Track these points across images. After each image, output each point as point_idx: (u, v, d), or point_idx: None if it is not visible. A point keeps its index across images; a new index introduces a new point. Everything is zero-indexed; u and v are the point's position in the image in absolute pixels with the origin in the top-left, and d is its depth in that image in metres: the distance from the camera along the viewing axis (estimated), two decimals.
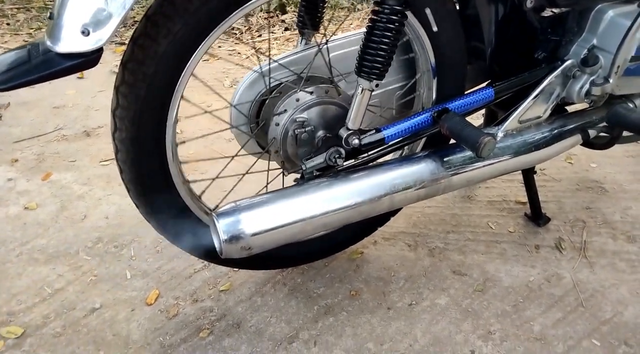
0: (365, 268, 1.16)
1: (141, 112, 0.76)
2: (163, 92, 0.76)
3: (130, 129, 0.77)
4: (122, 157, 0.78)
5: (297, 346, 0.98)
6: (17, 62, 0.62)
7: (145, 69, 0.73)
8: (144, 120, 0.77)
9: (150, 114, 0.77)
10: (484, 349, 0.96)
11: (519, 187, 1.42)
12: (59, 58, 0.61)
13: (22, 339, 0.99)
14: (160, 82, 0.75)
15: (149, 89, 0.75)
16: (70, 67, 0.60)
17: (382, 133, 0.86)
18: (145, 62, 0.73)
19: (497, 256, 1.18)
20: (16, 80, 0.60)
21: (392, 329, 1.01)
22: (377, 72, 0.75)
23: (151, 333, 1.01)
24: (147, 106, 0.77)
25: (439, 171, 0.87)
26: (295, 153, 0.90)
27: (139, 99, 0.76)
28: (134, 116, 0.76)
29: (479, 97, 0.91)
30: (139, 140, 0.78)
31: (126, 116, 0.76)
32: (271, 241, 0.74)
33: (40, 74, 0.60)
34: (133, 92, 0.74)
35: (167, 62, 0.74)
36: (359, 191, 0.80)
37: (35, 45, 0.64)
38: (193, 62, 0.76)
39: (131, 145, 0.77)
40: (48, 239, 1.26)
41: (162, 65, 0.74)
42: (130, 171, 0.80)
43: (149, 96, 0.76)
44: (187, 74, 0.77)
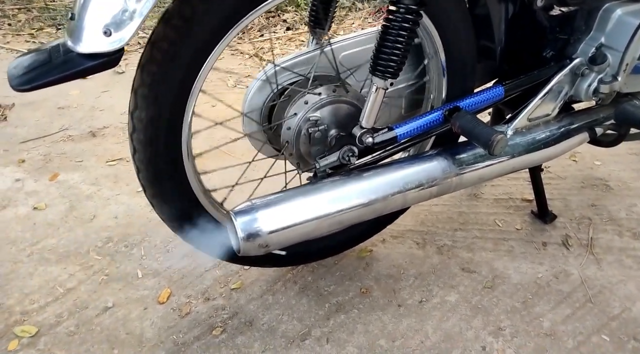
0: (374, 266, 1.17)
1: (159, 113, 0.77)
2: (179, 97, 0.77)
3: (148, 129, 0.78)
4: (140, 157, 0.79)
5: (310, 343, 0.99)
6: (38, 62, 0.62)
7: (163, 71, 0.74)
8: (162, 120, 0.78)
9: (169, 114, 0.78)
10: (495, 345, 0.97)
11: (524, 186, 1.43)
12: (80, 58, 0.62)
13: (37, 338, 0.99)
14: (177, 86, 0.76)
15: (167, 91, 0.76)
16: (92, 67, 0.61)
17: (395, 131, 0.86)
18: (163, 64, 0.73)
19: (505, 253, 1.19)
20: (38, 81, 0.60)
21: (403, 326, 1.02)
22: (392, 71, 0.76)
23: (164, 331, 1.02)
24: (165, 106, 0.77)
25: (451, 168, 0.88)
26: (308, 152, 0.91)
27: (157, 100, 0.76)
28: (152, 117, 0.77)
29: (489, 95, 0.93)
30: (156, 140, 0.79)
31: (144, 117, 0.77)
32: (288, 238, 0.75)
33: (62, 74, 0.61)
34: (151, 94, 0.75)
35: (184, 64, 0.75)
36: (373, 188, 0.81)
37: (56, 47, 0.65)
38: (211, 60, 0.76)
39: (148, 145, 0.78)
40: (58, 239, 1.26)
41: (180, 68, 0.74)
42: (147, 170, 0.81)
43: (167, 98, 0.76)
44: (204, 73, 0.77)
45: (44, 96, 2.05)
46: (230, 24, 0.75)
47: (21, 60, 0.64)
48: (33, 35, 2.73)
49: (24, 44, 2.60)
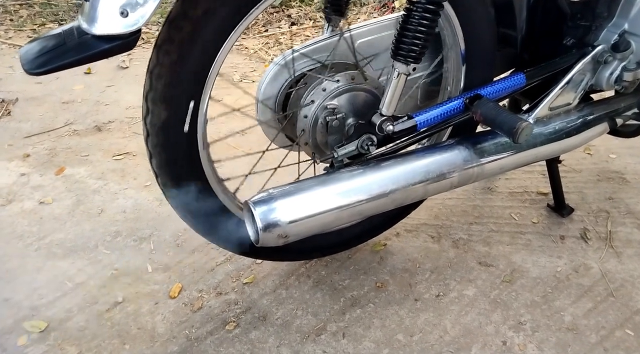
0: (389, 260, 1.15)
1: (174, 96, 0.75)
2: (198, 75, 0.75)
3: (163, 113, 0.76)
4: (153, 141, 0.77)
5: (326, 338, 0.97)
6: (51, 46, 0.60)
7: (181, 51, 0.71)
8: (177, 104, 0.76)
9: (184, 97, 0.76)
10: (516, 340, 0.95)
11: (539, 179, 1.41)
12: (95, 41, 0.60)
13: (47, 333, 0.97)
14: (196, 64, 0.73)
15: (184, 72, 0.73)
16: (107, 50, 0.59)
17: (415, 120, 0.84)
18: (182, 44, 0.71)
19: (523, 246, 1.17)
20: (52, 64, 0.58)
21: (421, 320, 1.00)
22: (415, 55, 0.74)
23: (177, 326, 1.00)
24: (182, 89, 0.75)
25: (472, 158, 0.86)
26: (324, 142, 0.89)
27: (173, 82, 0.74)
28: (166, 100, 0.75)
29: (510, 83, 0.90)
30: (171, 125, 0.77)
31: (159, 99, 0.74)
32: (307, 228, 0.73)
33: (76, 57, 0.59)
34: (167, 75, 0.72)
35: (203, 43, 0.72)
36: (394, 178, 0.79)
37: (69, 30, 0.63)
38: (230, 41, 0.74)
39: (162, 130, 0.76)
40: (65, 234, 1.24)
41: (198, 46, 0.72)
42: (160, 157, 0.78)
43: (184, 79, 0.74)
44: (222, 55, 0.75)
45: (47, 91, 2.03)
46: (250, 6, 0.73)
47: (34, 44, 0.62)
48: (35, 31, 2.70)
49: (25, 40, 2.57)
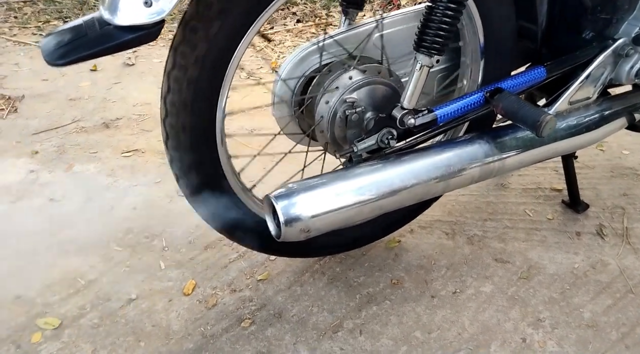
0: (404, 257, 1.14)
1: (193, 97, 0.74)
2: (215, 74, 0.74)
3: (181, 114, 0.75)
4: (173, 143, 0.76)
5: (343, 335, 0.96)
6: (73, 37, 0.59)
7: (197, 51, 0.71)
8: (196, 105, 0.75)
9: (203, 98, 0.75)
10: (535, 337, 0.94)
11: (552, 175, 1.40)
12: (118, 31, 0.58)
13: (60, 330, 0.96)
14: (213, 64, 0.72)
15: (201, 73, 0.72)
16: (130, 41, 0.58)
17: (435, 113, 0.83)
18: (198, 45, 0.70)
19: (539, 243, 1.16)
20: (74, 55, 0.57)
21: (439, 317, 0.99)
22: (438, 47, 0.73)
23: (191, 323, 0.99)
24: (200, 91, 0.74)
25: (492, 152, 0.85)
26: (342, 136, 0.88)
27: (191, 83, 0.73)
28: (185, 101, 0.74)
29: (530, 76, 0.89)
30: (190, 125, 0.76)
31: (177, 100, 0.73)
32: (330, 223, 0.72)
33: (99, 48, 0.57)
34: (185, 77, 0.71)
35: (219, 44, 0.71)
36: (415, 172, 0.78)
37: (90, 21, 0.61)
38: (247, 39, 0.73)
39: (182, 131, 0.75)
40: (77, 231, 1.23)
41: (215, 46, 0.71)
42: (182, 158, 0.77)
43: (201, 80, 0.73)
44: (239, 53, 0.74)
45: (53, 88, 2.02)
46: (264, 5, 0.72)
47: (55, 36, 0.60)
48: (40, 28, 2.69)
49: (30, 37, 2.56)
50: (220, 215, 0.88)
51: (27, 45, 2.43)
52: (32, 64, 2.22)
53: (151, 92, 2.01)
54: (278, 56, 2.36)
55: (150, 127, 1.73)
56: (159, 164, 1.51)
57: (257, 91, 1.97)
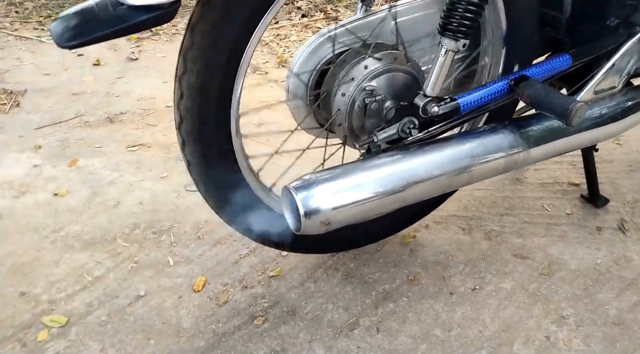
0: (420, 252, 1.11)
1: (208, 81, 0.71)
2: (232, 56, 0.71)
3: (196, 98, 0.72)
4: (187, 127, 0.72)
5: (359, 333, 0.93)
6: (84, 19, 0.56)
7: (215, 32, 0.67)
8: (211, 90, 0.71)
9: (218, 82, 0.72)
10: (560, 335, 0.91)
11: (569, 169, 1.36)
12: (132, 11, 0.55)
13: (67, 328, 0.93)
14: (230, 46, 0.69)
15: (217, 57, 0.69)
16: (146, 21, 0.54)
17: (458, 102, 0.80)
18: (216, 25, 0.67)
19: (559, 238, 1.13)
20: (87, 36, 0.54)
21: (458, 315, 0.96)
22: (465, 31, 0.69)
23: (202, 320, 0.96)
24: (215, 75, 0.71)
25: (518, 142, 0.81)
26: (360, 126, 0.85)
27: (207, 66, 0.70)
28: (200, 86, 0.71)
29: (555, 64, 0.86)
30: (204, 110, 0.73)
31: (193, 85, 0.70)
32: (351, 215, 0.68)
33: (113, 29, 0.54)
34: (202, 58, 0.68)
35: (237, 24, 0.68)
36: (439, 163, 0.74)
37: (102, 1, 0.58)
38: (263, 24, 0.70)
39: (197, 114, 0.72)
40: (82, 226, 1.19)
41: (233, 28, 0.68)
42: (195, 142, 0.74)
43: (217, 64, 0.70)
44: (255, 38, 0.71)
45: (55, 83, 1.98)
46: None
47: (65, 18, 0.57)
48: (41, 23, 2.65)
49: (32, 32, 2.52)
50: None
51: (28, 39, 2.39)
52: (34, 58, 2.19)
53: (155, 86, 1.97)
54: (284, 51, 2.33)
55: (155, 122, 1.70)
56: (165, 159, 1.48)
57: (263, 83, 1.94)
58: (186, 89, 0.72)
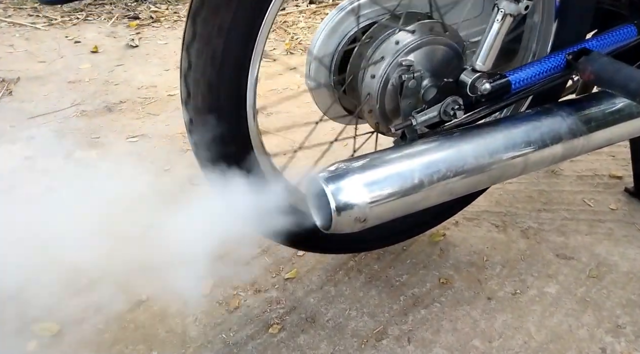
0: (451, 252, 1.00)
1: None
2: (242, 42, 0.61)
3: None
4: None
5: (388, 343, 0.82)
6: None
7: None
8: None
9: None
10: (617, 347, 0.80)
11: (608, 161, 1.25)
12: None
13: (59, 337, 0.82)
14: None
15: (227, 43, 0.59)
16: None
17: (508, 79, 0.69)
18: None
19: (604, 236, 1.02)
20: None
21: (499, 323, 0.85)
22: None
23: (211, 329, 0.85)
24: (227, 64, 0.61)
25: (577, 126, 0.70)
26: (393, 108, 0.74)
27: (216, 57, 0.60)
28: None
29: (619, 36, 0.74)
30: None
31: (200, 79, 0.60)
32: (391, 210, 0.58)
33: None
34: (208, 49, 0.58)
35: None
36: (490, 150, 0.64)
37: None
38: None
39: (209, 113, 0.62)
40: (78, 223, 1.10)
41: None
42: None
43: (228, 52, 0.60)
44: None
45: (51, 70, 1.87)
46: None
47: None
48: (36, 9, 2.53)
49: (27, 18, 2.40)
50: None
51: (22, 26, 2.28)
52: (28, 45, 2.08)
53: (157, 74, 1.86)
54: (292, 37, 2.22)
55: (157, 111, 1.59)
56: (168, 151, 1.37)
57: (271, 71, 1.83)
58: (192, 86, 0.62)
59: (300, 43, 2.12)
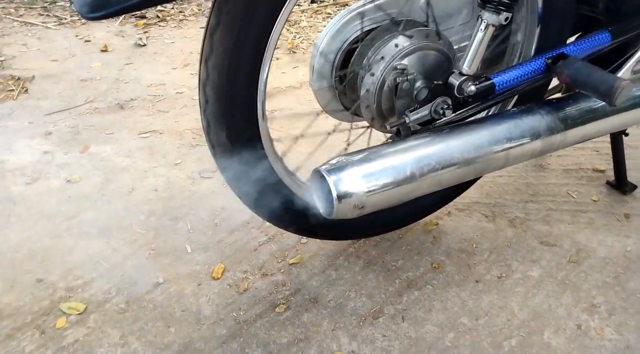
0: (443, 240, 1.08)
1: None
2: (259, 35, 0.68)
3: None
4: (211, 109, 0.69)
5: (384, 321, 0.91)
6: None
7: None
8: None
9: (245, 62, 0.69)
10: (591, 323, 0.88)
11: (593, 155, 1.33)
12: None
13: (86, 315, 0.91)
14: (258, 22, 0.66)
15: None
16: None
17: (493, 81, 0.76)
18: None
19: (586, 225, 1.10)
20: (112, 7, 0.50)
21: (485, 303, 0.93)
22: (508, 2, 0.66)
23: (223, 308, 0.94)
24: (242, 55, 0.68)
25: (555, 124, 0.78)
26: (389, 107, 0.81)
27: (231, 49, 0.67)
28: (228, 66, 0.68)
29: (595, 41, 0.82)
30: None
31: (219, 64, 0.67)
32: (386, 198, 0.66)
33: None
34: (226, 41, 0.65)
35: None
36: (476, 144, 0.71)
37: None
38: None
39: (223, 96, 0.69)
40: (97, 213, 1.17)
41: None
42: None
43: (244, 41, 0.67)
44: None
45: (64, 69, 1.95)
46: None
47: None
48: (46, 9, 2.60)
49: (37, 18, 2.47)
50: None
51: (34, 25, 2.35)
52: (40, 44, 2.15)
53: (165, 72, 1.94)
54: (294, 37, 2.28)
55: (167, 108, 1.66)
56: (178, 145, 1.45)
57: (275, 66, 1.90)
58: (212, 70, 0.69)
59: (303, 42, 2.19)
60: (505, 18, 0.66)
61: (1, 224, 1.12)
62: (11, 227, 1.12)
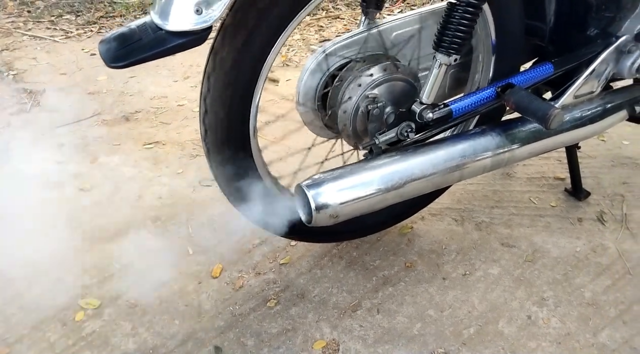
0: (417, 242, 1.21)
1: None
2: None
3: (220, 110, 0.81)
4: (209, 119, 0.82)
5: (362, 313, 1.04)
6: (129, 41, 0.65)
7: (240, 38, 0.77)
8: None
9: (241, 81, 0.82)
10: (540, 314, 1.02)
11: (555, 165, 1.46)
12: (170, 36, 0.64)
13: (101, 310, 1.04)
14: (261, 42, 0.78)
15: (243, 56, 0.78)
16: (182, 44, 0.64)
17: (450, 108, 0.89)
18: (240, 31, 0.76)
19: (543, 228, 1.23)
20: (133, 58, 0.63)
21: (450, 297, 1.06)
22: (457, 47, 0.79)
23: (221, 303, 1.07)
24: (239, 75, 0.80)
25: (504, 144, 0.91)
26: (364, 130, 0.94)
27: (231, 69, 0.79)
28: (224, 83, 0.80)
29: (538, 72, 0.95)
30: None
31: (218, 79, 0.80)
32: (356, 209, 0.79)
33: (154, 51, 0.64)
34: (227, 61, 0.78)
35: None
36: (433, 162, 0.84)
37: (142, 25, 0.67)
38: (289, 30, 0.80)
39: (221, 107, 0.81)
40: (108, 218, 1.30)
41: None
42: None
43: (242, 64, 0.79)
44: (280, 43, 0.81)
45: (72, 82, 2.08)
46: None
47: (110, 40, 0.66)
48: (53, 22, 2.73)
49: (45, 31, 2.60)
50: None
51: (42, 39, 2.48)
52: (49, 58, 2.28)
53: (167, 85, 2.07)
54: (287, 49, 2.41)
55: (169, 120, 1.79)
56: (180, 156, 1.58)
57: (267, 86, 2.03)
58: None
59: (295, 55, 2.32)
60: (454, 59, 0.80)
61: (22, 229, 1.24)
62: (31, 232, 1.25)
